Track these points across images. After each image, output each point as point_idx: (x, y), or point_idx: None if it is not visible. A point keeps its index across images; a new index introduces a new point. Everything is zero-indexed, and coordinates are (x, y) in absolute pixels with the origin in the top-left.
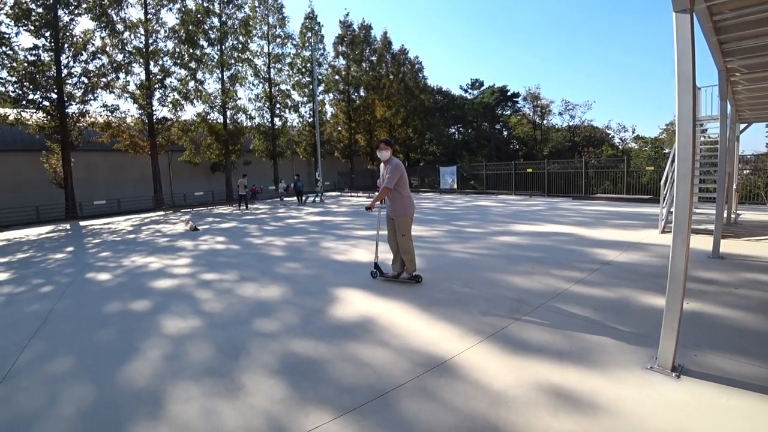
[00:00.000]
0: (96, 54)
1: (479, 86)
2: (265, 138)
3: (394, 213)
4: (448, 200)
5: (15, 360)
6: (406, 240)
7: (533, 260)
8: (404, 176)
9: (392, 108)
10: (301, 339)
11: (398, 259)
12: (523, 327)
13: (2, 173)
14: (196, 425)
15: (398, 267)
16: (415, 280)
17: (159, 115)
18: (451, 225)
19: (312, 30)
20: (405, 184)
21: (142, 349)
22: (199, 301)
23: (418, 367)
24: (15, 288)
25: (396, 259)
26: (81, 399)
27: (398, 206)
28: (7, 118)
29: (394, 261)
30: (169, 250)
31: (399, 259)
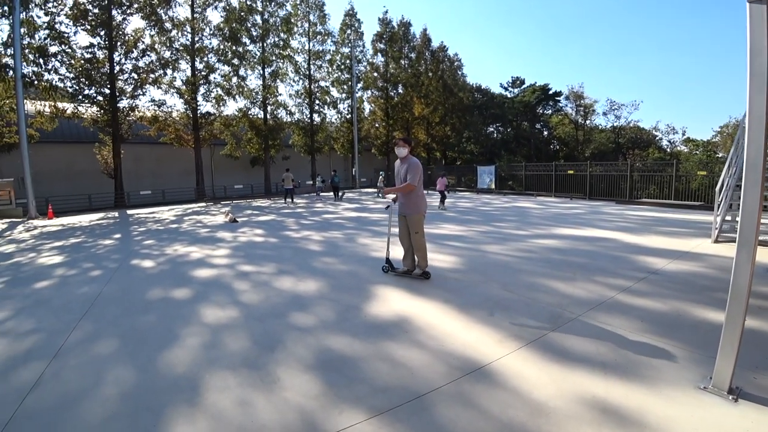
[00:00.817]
0: (145, 51)
1: (520, 84)
2: (303, 134)
3: (407, 211)
4: (486, 200)
5: (66, 338)
6: (420, 237)
7: (575, 265)
8: (422, 175)
9: (430, 106)
10: (337, 335)
11: (409, 256)
12: (565, 335)
13: (60, 163)
14: (232, 415)
15: (409, 263)
16: (425, 276)
17: (203, 109)
18: (489, 226)
19: (351, 27)
20: (421, 183)
21: (181, 336)
22: (237, 291)
23: (455, 371)
24: (68, 271)
25: (407, 255)
26: (123, 381)
27: (412, 204)
28: (65, 111)
29: (405, 257)
30: (209, 240)
31: (410, 255)
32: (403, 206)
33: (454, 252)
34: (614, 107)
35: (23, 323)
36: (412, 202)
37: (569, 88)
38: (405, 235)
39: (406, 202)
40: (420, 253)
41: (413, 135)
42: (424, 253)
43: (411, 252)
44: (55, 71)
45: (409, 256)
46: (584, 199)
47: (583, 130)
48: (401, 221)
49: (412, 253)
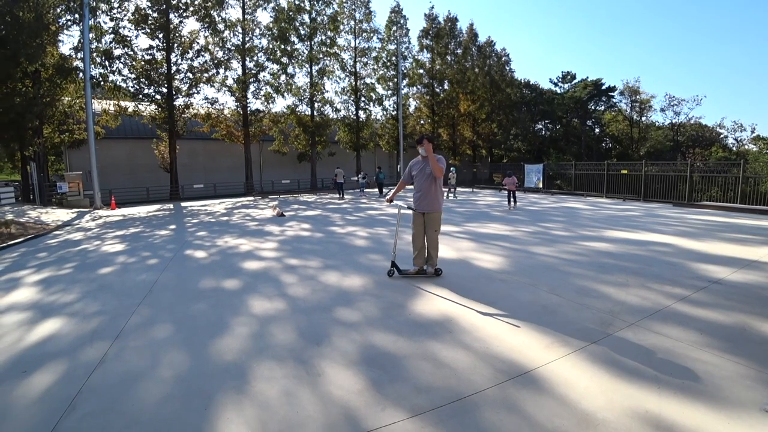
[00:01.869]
0: (200, 52)
1: (571, 79)
2: (349, 130)
3: (427, 208)
4: (533, 200)
5: (126, 322)
6: (437, 235)
7: (628, 270)
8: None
9: (477, 102)
10: (381, 332)
11: (422, 254)
12: (616, 343)
13: (121, 158)
14: (277, 405)
15: (421, 261)
16: (437, 273)
17: (252, 107)
18: (536, 226)
19: (397, 24)
20: (441, 179)
21: (231, 325)
22: (285, 284)
23: (500, 374)
24: (128, 258)
25: (421, 254)
26: (177, 365)
27: (434, 201)
28: (127, 110)
29: (417, 257)
30: (258, 233)
31: (424, 254)
32: (421, 203)
33: (501, 252)
34: (673, 103)
35: (89, 305)
36: (433, 199)
37: (624, 83)
38: (421, 233)
39: (426, 198)
40: (435, 251)
41: (459, 132)
42: (438, 250)
43: (424, 251)
44: (119, 72)
45: (422, 254)
46: (638, 201)
47: (639, 127)
48: (417, 219)
49: (425, 252)
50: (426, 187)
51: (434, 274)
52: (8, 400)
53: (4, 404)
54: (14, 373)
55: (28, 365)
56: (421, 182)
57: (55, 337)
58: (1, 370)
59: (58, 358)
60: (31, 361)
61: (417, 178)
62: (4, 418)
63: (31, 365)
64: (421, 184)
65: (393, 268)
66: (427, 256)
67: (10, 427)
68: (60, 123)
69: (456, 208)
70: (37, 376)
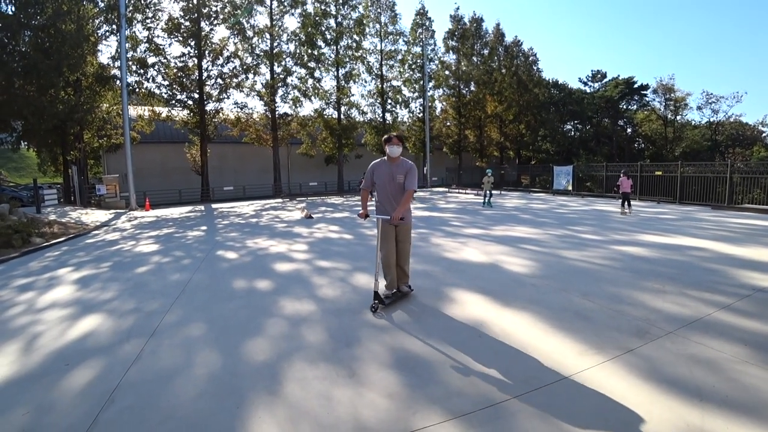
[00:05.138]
0: (230, 58)
1: (601, 78)
2: (376, 133)
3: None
4: (562, 202)
5: (161, 320)
6: (410, 246)
7: (664, 276)
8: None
9: (504, 103)
10: (412, 335)
11: (394, 272)
12: (654, 352)
13: (155, 161)
14: (309, 407)
15: (395, 284)
16: (410, 289)
17: (281, 111)
18: (565, 229)
19: (422, 26)
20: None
21: (263, 325)
22: (315, 286)
23: (533, 380)
24: (162, 258)
25: (390, 272)
26: (210, 363)
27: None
28: (161, 115)
29: (388, 274)
30: (287, 235)
31: (395, 271)
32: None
33: (530, 256)
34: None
35: (126, 303)
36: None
37: (657, 81)
38: (393, 249)
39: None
40: (408, 266)
41: (486, 133)
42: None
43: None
44: (153, 79)
45: (395, 272)
46: (673, 203)
47: (673, 126)
48: (389, 233)
49: (394, 271)
50: (397, 193)
51: (408, 291)
52: (53, 391)
53: (50, 395)
54: (58, 366)
55: (70, 359)
56: (392, 189)
57: (94, 333)
58: (46, 363)
59: (97, 353)
60: (72, 355)
61: (384, 184)
62: (52, 408)
63: (73, 359)
64: (391, 191)
65: (376, 302)
66: (399, 274)
67: (57, 416)
68: (99, 128)
69: (483, 210)
70: (79, 370)
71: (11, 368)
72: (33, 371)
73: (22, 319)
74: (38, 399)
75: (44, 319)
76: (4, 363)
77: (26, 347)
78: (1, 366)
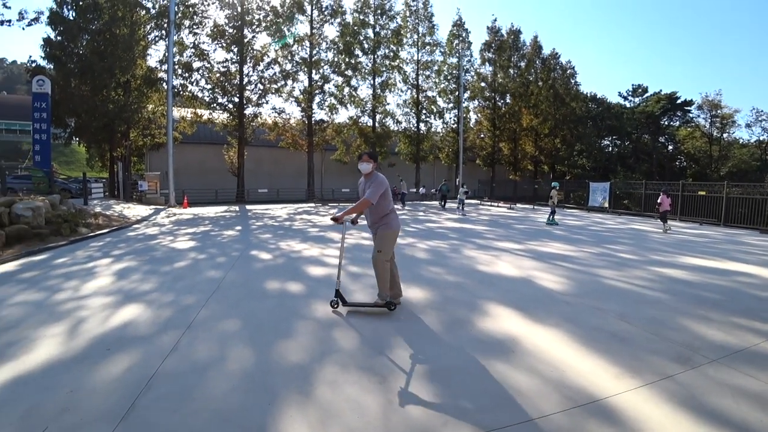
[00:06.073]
0: (270, 64)
1: (642, 93)
2: (410, 142)
3: (376, 225)
4: (597, 220)
5: (196, 314)
6: (381, 257)
7: (708, 302)
8: (388, 192)
9: (539, 116)
10: (444, 346)
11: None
12: (695, 380)
13: (196, 161)
14: (339, 410)
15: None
16: (388, 307)
17: (317, 117)
18: (601, 247)
19: (459, 37)
20: (386, 200)
21: (295, 326)
22: (347, 291)
23: (567, 400)
24: (198, 255)
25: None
26: (243, 359)
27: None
28: (202, 117)
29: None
30: (319, 239)
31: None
32: (370, 222)
33: (564, 273)
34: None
35: (164, 296)
36: (380, 217)
37: (703, 97)
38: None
39: (374, 217)
40: (378, 280)
41: (520, 147)
42: (384, 277)
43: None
44: (196, 83)
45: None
46: (717, 226)
47: (719, 144)
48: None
49: (397, 279)
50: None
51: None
52: (95, 373)
53: (92, 377)
54: (100, 351)
55: (111, 344)
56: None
57: (134, 322)
58: (90, 346)
59: (136, 342)
60: (113, 341)
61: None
62: (93, 389)
63: (114, 345)
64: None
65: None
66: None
67: (97, 398)
68: (144, 128)
69: (516, 225)
70: (119, 356)
71: (58, 349)
72: (77, 353)
73: (68, 304)
74: (81, 380)
75: (88, 305)
76: (53, 343)
77: (72, 330)
78: (50, 346)
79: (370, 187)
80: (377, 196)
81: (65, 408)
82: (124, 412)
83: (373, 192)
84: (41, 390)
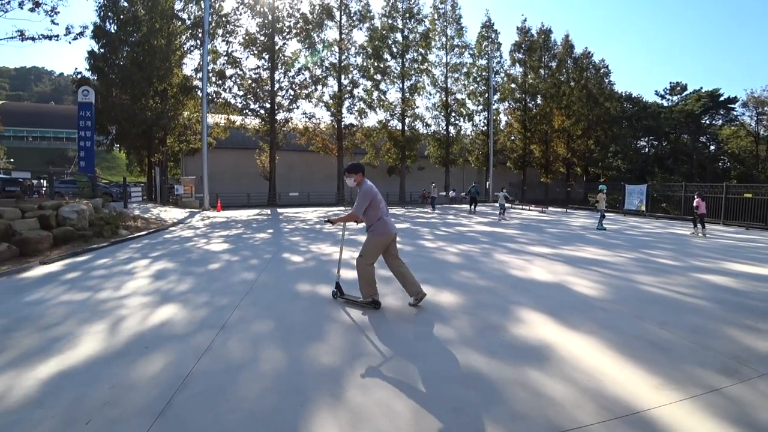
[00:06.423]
0: (300, 70)
1: (681, 91)
2: (439, 145)
3: (367, 229)
4: (634, 224)
5: (230, 315)
6: (362, 262)
7: (757, 311)
8: (374, 201)
9: (572, 117)
10: (475, 351)
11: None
12: (745, 394)
13: (229, 165)
14: (370, 414)
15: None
16: (373, 305)
17: (346, 121)
18: (638, 252)
19: (488, 38)
20: (375, 209)
21: (326, 329)
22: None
23: (605, 411)
24: (231, 257)
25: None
26: (275, 360)
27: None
28: (235, 123)
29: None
30: (350, 242)
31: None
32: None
33: (600, 279)
34: None
35: (199, 296)
36: (370, 224)
37: (748, 93)
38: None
39: (366, 223)
40: (360, 280)
41: (552, 149)
42: (366, 280)
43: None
44: (229, 90)
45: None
46: (766, 230)
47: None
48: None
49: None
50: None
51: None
52: (134, 370)
53: (131, 374)
54: (138, 348)
55: (149, 343)
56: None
57: (170, 322)
58: (129, 343)
59: (173, 340)
60: (151, 339)
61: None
62: (132, 386)
63: (152, 343)
64: None
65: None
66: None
67: (136, 394)
68: (180, 134)
69: (548, 229)
70: (156, 354)
71: (100, 345)
72: (117, 350)
73: (109, 303)
74: (121, 375)
75: (128, 304)
76: (95, 340)
77: (112, 328)
78: (92, 342)
79: (357, 200)
80: (362, 210)
81: (107, 402)
82: (161, 409)
83: (357, 206)
84: (84, 383)
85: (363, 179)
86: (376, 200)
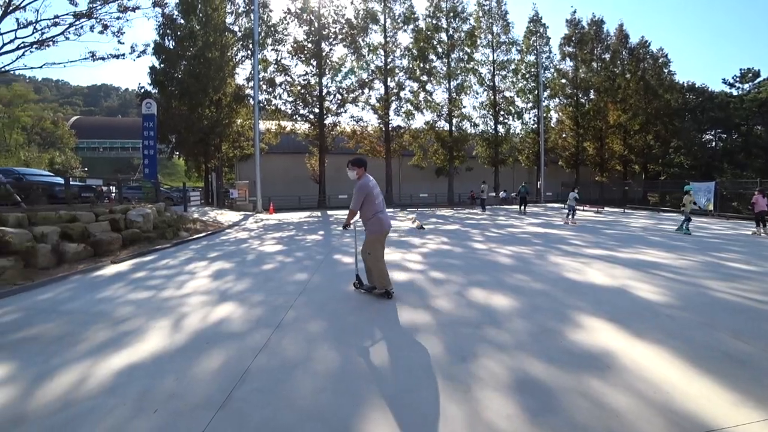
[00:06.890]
0: (347, 75)
1: (753, 78)
2: (487, 145)
3: (365, 230)
4: (700, 224)
5: (284, 314)
6: (371, 259)
7: None
8: (370, 196)
9: (628, 111)
10: (531, 356)
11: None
12: None
13: (280, 169)
14: (423, 415)
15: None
16: (386, 295)
17: (393, 123)
18: (706, 255)
19: (536, 33)
20: (371, 204)
21: (378, 330)
22: (430, 296)
23: (675, 427)
24: (285, 258)
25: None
26: (328, 359)
27: (365, 222)
28: (285, 129)
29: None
30: (400, 245)
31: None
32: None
33: (664, 284)
34: None
35: (255, 295)
36: (366, 220)
37: None
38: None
39: (362, 219)
40: (374, 274)
41: (607, 146)
42: (379, 273)
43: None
44: (279, 96)
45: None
46: None
47: None
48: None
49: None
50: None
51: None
52: (196, 364)
53: (194, 368)
54: (200, 344)
55: (209, 339)
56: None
57: (228, 319)
58: (190, 339)
59: (231, 338)
60: (211, 336)
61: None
62: (195, 380)
63: (212, 339)
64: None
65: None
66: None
67: (198, 386)
68: (234, 141)
69: (605, 230)
70: (216, 350)
71: (165, 340)
72: (180, 345)
73: (172, 301)
74: (184, 369)
75: (189, 302)
76: (160, 335)
77: (175, 324)
78: (157, 337)
79: (353, 197)
80: (358, 204)
81: (172, 394)
82: (221, 402)
83: (353, 202)
84: (151, 376)
85: (364, 173)
86: (372, 195)
